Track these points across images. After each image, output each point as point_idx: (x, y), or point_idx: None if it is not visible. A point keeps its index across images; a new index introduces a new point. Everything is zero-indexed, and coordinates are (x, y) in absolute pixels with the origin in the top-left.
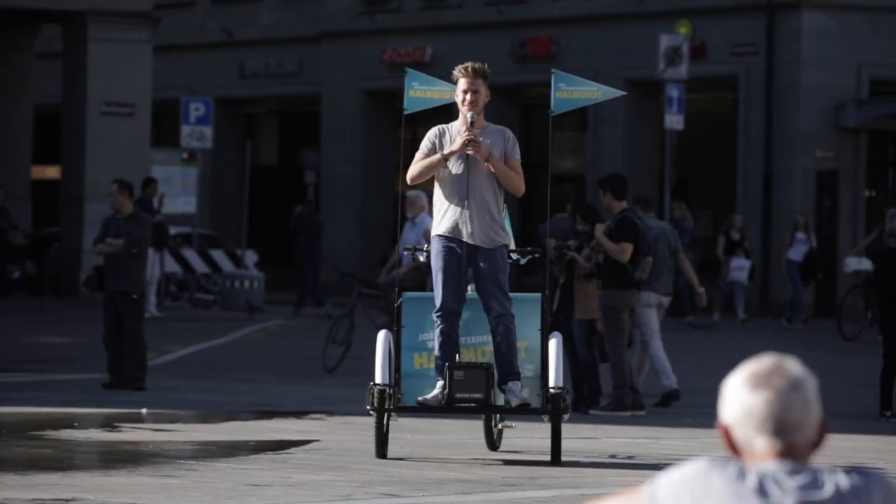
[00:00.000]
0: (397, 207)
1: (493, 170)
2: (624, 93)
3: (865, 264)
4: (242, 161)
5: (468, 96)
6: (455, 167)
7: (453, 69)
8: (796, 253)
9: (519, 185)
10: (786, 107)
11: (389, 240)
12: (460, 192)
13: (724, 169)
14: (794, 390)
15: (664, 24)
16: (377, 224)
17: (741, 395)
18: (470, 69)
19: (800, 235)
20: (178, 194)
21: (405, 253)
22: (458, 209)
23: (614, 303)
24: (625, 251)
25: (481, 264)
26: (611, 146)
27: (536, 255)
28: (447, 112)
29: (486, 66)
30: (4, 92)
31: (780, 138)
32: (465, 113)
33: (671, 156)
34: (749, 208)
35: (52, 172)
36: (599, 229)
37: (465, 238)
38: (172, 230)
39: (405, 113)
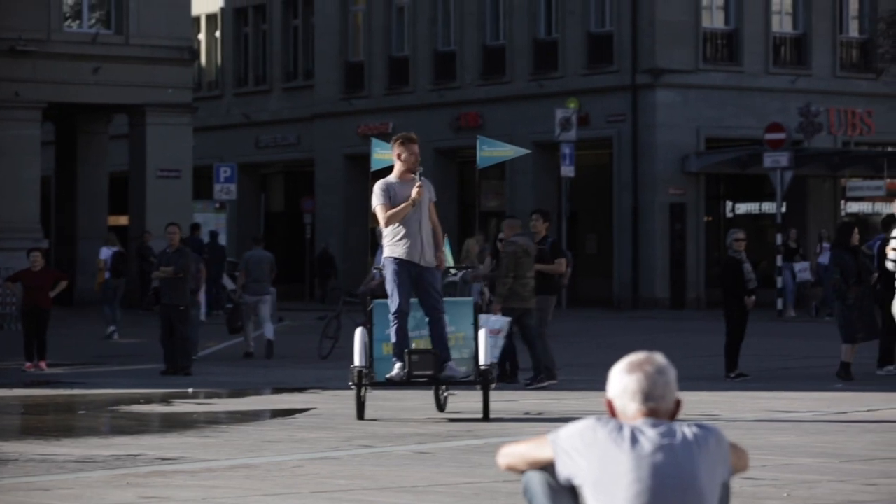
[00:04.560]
0: (369, 239)
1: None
2: (529, 151)
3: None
4: (258, 207)
5: (412, 157)
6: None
7: (392, 139)
8: (825, 258)
9: (436, 222)
10: (647, 158)
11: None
12: (413, 227)
13: (604, 204)
14: (659, 374)
15: (559, 101)
16: (356, 251)
17: (619, 377)
18: (405, 137)
19: (826, 245)
20: None
21: (375, 271)
22: (412, 239)
23: (545, 304)
24: (561, 265)
25: (425, 277)
26: (523, 190)
27: (469, 269)
28: None
29: (412, 133)
30: (89, 162)
31: (644, 181)
32: (401, 167)
33: (566, 195)
34: (622, 232)
35: (123, 220)
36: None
37: (416, 260)
38: None
39: (371, 170)
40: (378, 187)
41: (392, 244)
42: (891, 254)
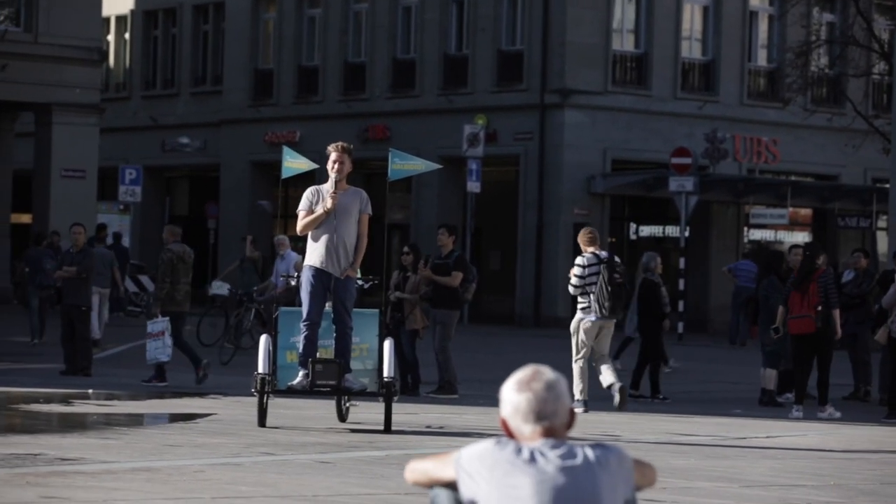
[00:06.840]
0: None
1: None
2: (440, 166)
3: (223, 288)
4: (163, 211)
5: (336, 165)
6: (327, 218)
7: (328, 146)
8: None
9: (363, 234)
10: (553, 177)
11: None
12: (329, 236)
13: (509, 221)
14: (548, 390)
15: (467, 117)
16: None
17: (510, 397)
18: (339, 146)
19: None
20: None
21: (280, 279)
22: (326, 249)
23: (448, 318)
24: (456, 278)
25: (337, 290)
26: (428, 203)
27: (376, 282)
28: (311, 177)
29: (351, 145)
30: None
31: (549, 200)
32: (332, 177)
33: (471, 211)
34: (526, 250)
35: (26, 218)
36: (426, 271)
37: (329, 269)
38: None
39: (281, 178)
40: (306, 193)
41: (309, 252)
42: (573, 279)
